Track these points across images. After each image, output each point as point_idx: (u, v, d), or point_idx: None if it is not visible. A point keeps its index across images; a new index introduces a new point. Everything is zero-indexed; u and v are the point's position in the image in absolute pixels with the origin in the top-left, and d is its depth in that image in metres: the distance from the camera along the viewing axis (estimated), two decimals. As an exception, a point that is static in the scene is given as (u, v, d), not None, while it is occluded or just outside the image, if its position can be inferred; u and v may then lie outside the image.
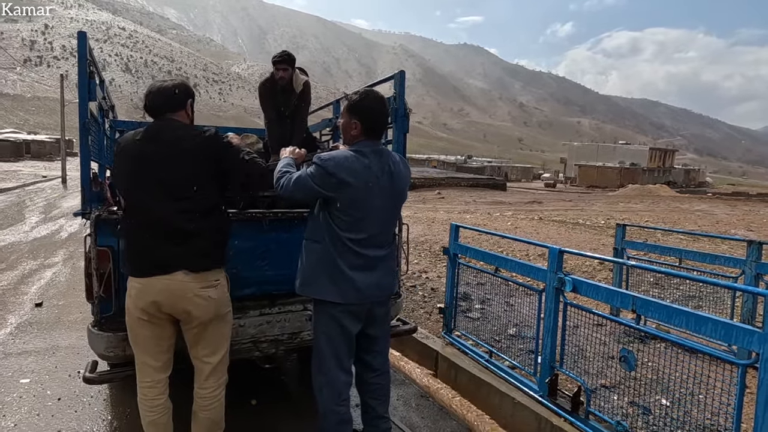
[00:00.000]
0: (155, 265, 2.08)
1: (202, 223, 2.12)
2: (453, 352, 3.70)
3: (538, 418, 2.80)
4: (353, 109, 2.27)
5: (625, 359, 2.43)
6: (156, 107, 2.19)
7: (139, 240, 2.12)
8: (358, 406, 2.63)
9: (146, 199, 2.09)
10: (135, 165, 2.10)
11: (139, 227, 2.12)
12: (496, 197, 28.81)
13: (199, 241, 2.10)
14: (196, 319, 2.14)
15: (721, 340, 2.02)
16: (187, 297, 2.09)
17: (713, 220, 16.27)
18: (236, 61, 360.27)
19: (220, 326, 2.23)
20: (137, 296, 2.11)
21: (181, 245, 2.08)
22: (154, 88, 2.20)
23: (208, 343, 2.22)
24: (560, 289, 2.78)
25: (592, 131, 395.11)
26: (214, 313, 2.17)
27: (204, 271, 2.12)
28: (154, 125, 2.17)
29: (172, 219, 2.07)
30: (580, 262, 7.65)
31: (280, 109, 4.16)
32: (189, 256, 2.09)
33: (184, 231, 2.08)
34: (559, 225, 13.67)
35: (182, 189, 2.08)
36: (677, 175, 72.02)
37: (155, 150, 2.09)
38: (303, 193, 2.23)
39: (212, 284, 2.15)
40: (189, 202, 2.09)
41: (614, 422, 2.49)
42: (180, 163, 2.08)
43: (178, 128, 2.16)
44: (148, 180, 2.08)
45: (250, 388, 3.29)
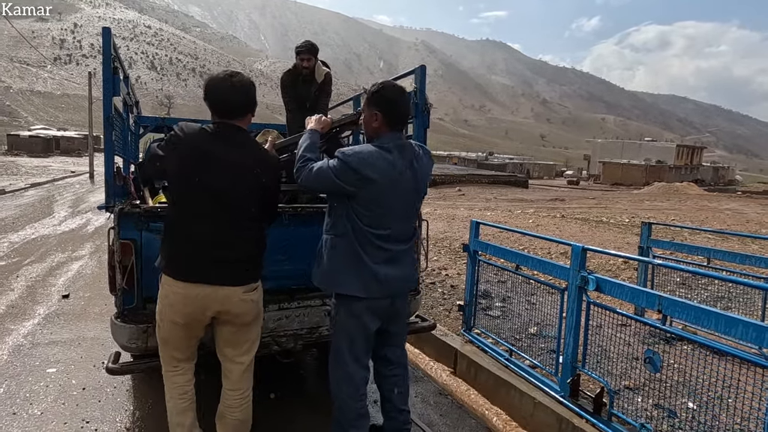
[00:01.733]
0: (200, 273, 2.03)
1: (249, 235, 2.11)
2: (472, 350, 3.66)
3: (559, 419, 2.75)
4: (373, 100, 2.23)
5: (651, 360, 2.36)
6: (230, 109, 2.09)
7: (185, 242, 2.06)
8: (376, 402, 2.62)
9: (204, 202, 2.03)
10: (202, 162, 2.01)
11: (187, 228, 2.06)
12: (518, 195, 28.49)
13: (243, 255, 2.09)
14: (239, 320, 2.14)
15: (752, 342, 1.94)
16: (233, 301, 2.08)
17: (743, 219, 15.79)
18: (258, 58, 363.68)
19: (256, 326, 2.26)
20: (179, 302, 2.06)
21: (226, 257, 2.05)
22: (225, 84, 2.08)
23: (243, 343, 2.22)
24: (583, 287, 2.72)
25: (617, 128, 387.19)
26: (255, 313, 2.20)
27: (246, 284, 2.12)
28: (227, 127, 2.09)
29: (224, 229, 2.05)
30: (603, 261, 7.51)
31: (301, 100, 4.20)
32: (234, 271, 2.08)
33: (232, 243, 2.06)
34: (582, 223, 13.43)
35: (242, 201, 2.07)
36: (705, 172, 70.09)
37: (226, 154, 2.03)
38: (323, 186, 2.22)
39: (254, 287, 2.17)
40: (243, 216, 2.08)
41: (638, 425, 2.43)
42: (246, 174, 2.05)
43: (248, 137, 2.16)
44: (212, 183, 2.01)
45: (269, 383, 3.31)
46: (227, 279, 2.06)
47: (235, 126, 2.09)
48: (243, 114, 2.11)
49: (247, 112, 2.13)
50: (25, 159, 41.29)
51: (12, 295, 5.18)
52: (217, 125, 2.08)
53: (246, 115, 2.13)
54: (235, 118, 2.09)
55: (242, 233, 2.08)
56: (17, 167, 30.05)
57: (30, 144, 51.71)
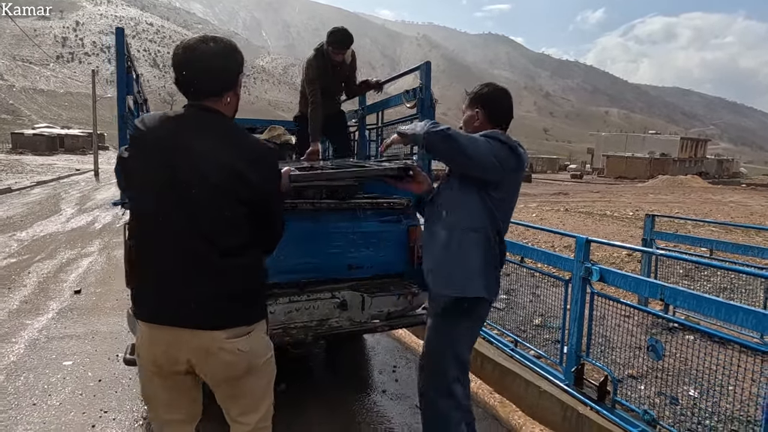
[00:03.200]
0: (164, 313, 1.54)
1: (234, 263, 1.54)
2: (478, 341, 3.72)
3: (563, 407, 2.81)
4: (476, 99, 2.14)
5: (653, 348, 2.43)
6: (199, 86, 1.54)
7: (147, 273, 1.58)
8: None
9: (169, 216, 1.50)
10: (165, 162, 1.49)
11: (149, 253, 1.56)
12: (522, 189, 28.41)
13: (225, 291, 1.54)
14: (223, 374, 1.60)
15: (752, 329, 2.00)
16: (211, 351, 1.54)
17: (747, 212, 15.80)
18: (260, 54, 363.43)
19: (255, 380, 1.65)
20: (144, 346, 1.60)
21: (199, 293, 1.51)
22: (192, 56, 1.51)
23: (241, 402, 1.67)
24: (587, 278, 2.78)
25: (621, 121, 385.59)
26: (246, 367, 1.60)
27: (229, 326, 1.55)
28: (197, 110, 1.55)
29: (194, 254, 1.50)
30: (606, 254, 7.56)
31: (327, 90, 3.96)
32: (209, 310, 1.52)
33: (207, 274, 1.52)
34: (586, 216, 13.48)
35: (217, 213, 1.50)
36: (710, 165, 69.82)
37: (194, 147, 1.49)
38: (471, 159, 1.87)
39: (245, 332, 1.58)
40: (224, 234, 1.52)
41: (641, 411, 2.49)
42: (220, 173, 1.48)
43: (224, 123, 1.58)
44: (178, 189, 1.48)
45: (279, 374, 3.38)
46: (199, 320, 1.51)
47: (208, 108, 1.55)
48: (217, 92, 1.55)
49: (222, 90, 1.56)
50: (30, 157, 41.57)
51: (25, 291, 5.28)
52: (186, 109, 1.56)
53: (221, 93, 1.56)
54: (206, 98, 1.55)
55: (223, 260, 1.51)
56: (22, 165, 30.28)
57: (34, 142, 52.01)
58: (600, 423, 2.59)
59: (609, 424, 2.56)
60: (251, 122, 5.30)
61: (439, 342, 2.11)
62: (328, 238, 2.97)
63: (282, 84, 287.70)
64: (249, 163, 1.52)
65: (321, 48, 3.88)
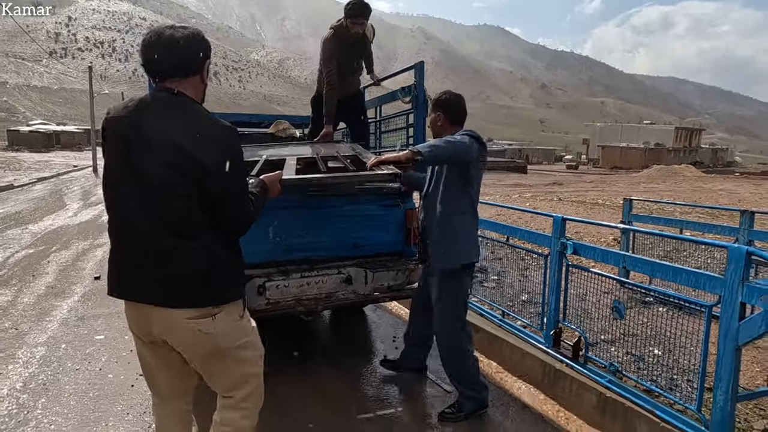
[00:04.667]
0: (128, 288, 1.63)
1: (192, 245, 1.58)
2: (470, 314, 4.11)
3: (543, 365, 3.21)
4: (437, 104, 2.82)
5: (617, 309, 2.83)
6: (160, 67, 1.60)
7: (114, 250, 1.66)
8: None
9: (130, 197, 1.56)
10: (126, 143, 1.55)
11: (115, 232, 1.65)
12: (517, 180, 28.88)
13: (181, 271, 1.58)
14: (191, 352, 1.68)
15: (691, 286, 2.39)
16: (177, 328, 1.62)
17: (735, 199, 16.24)
18: (255, 48, 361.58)
19: (230, 365, 1.73)
20: (127, 315, 1.72)
21: (157, 273, 1.58)
22: (158, 39, 1.58)
23: (218, 383, 1.78)
24: (563, 252, 3.17)
25: (617, 111, 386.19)
26: (211, 349, 1.66)
27: (190, 306, 1.60)
28: (159, 91, 1.60)
29: (152, 235, 1.55)
30: (595, 238, 7.97)
31: (343, 69, 3.89)
32: (169, 289, 1.58)
33: (163, 254, 1.57)
34: (578, 205, 13.89)
35: (172, 194, 1.53)
36: (704, 154, 70.36)
37: (151, 129, 1.53)
38: (454, 155, 2.52)
39: (208, 313, 1.62)
40: (180, 216, 1.56)
41: (607, 363, 2.89)
42: (174, 154, 1.51)
43: (185, 104, 1.61)
44: (137, 170, 1.54)
45: (292, 342, 3.78)
46: (157, 297, 1.59)
47: (171, 89, 1.59)
48: (181, 74, 1.60)
49: (186, 72, 1.61)
50: (26, 154, 41.62)
51: (48, 278, 5.65)
52: (151, 91, 1.65)
53: (186, 76, 1.61)
54: (170, 80, 1.60)
55: (173, 241, 1.55)
56: (19, 162, 30.42)
57: (30, 139, 51.99)
58: (573, 376, 2.98)
59: (581, 377, 2.96)
60: (245, 117, 5.55)
61: (451, 295, 2.80)
62: (334, 220, 3.35)
63: (277, 78, 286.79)
64: (203, 142, 1.53)
65: (338, 24, 3.81)
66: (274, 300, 3.09)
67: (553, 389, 3.10)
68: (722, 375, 2.20)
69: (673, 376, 2.99)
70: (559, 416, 2.90)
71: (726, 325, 2.18)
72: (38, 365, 3.41)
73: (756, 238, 3.92)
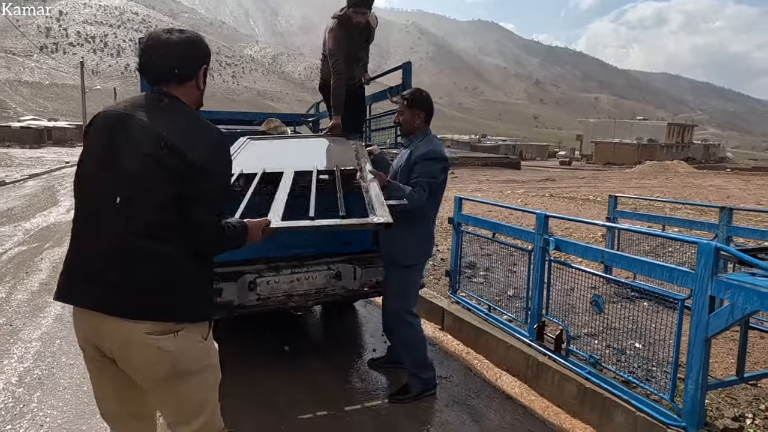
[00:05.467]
0: (81, 293, 1.48)
1: (160, 250, 1.46)
2: (457, 308, 4.21)
3: (526, 358, 3.31)
4: (415, 102, 2.94)
5: (596, 303, 2.93)
6: (155, 71, 1.58)
7: (71, 248, 1.53)
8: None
9: (99, 191, 1.48)
10: (108, 138, 1.50)
11: (77, 228, 1.54)
12: (510, 176, 29.02)
13: (148, 277, 1.46)
14: (143, 374, 1.51)
15: (665, 280, 2.49)
16: (129, 345, 1.46)
17: (724, 195, 16.43)
18: (248, 43, 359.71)
19: (187, 389, 1.56)
20: (76, 327, 1.56)
21: (116, 277, 1.44)
22: (154, 43, 1.57)
23: (171, 410, 1.60)
24: (545, 248, 3.26)
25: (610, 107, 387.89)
26: (169, 370, 1.50)
27: (152, 319, 1.47)
28: (151, 94, 1.59)
29: (117, 234, 1.44)
30: (584, 234, 8.09)
31: (349, 58, 3.87)
32: (127, 297, 1.44)
33: (126, 256, 1.45)
34: (569, 201, 14.03)
35: (147, 191, 1.45)
36: (696, 150, 70.90)
37: (136, 124, 1.49)
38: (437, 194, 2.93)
39: (167, 330, 1.47)
40: (151, 216, 1.45)
41: (587, 356, 2.99)
42: (154, 148, 1.45)
43: (176, 105, 1.58)
44: (113, 164, 1.47)
45: (283, 337, 3.86)
46: (114, 305, 1.44)
47: (165, 92, 1.58)
48: (176, 79, 1.58)
49: (182, 78, 1.59)
50: (18, 150, 41.25)
51: (41, 274, 5.69)
52: (146, 93, 1.63)
53: (182, 82, 1.59)
54: (166, 85, 1.58)
55: (141, 241, 1.44)
56: (11, 158, 30.17)
57: (21, 135, 51.54)
58: (555, 368, 3.09)
59: (562, 368, 3.06)
60: (240, 115, 5.60)
61: (404, 282, 3.02)
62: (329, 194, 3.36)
63: (271, 73, 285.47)
64: (191, 139, 1.49)
65: (342, 14, 3.77)
66: (264, 296, 3.16)
67: (536, 381, 3.20)
68: (693, 365, 2.30)
69: (651, 367, 3.10)
70: (541, 407, 3.00)
71: (697, 318, 2.28)
72: (33, 360, 3.47)
73: (735, 234, 4.04)
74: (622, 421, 2.60)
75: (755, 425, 2.56)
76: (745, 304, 2.07)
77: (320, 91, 4.38)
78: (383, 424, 2.79)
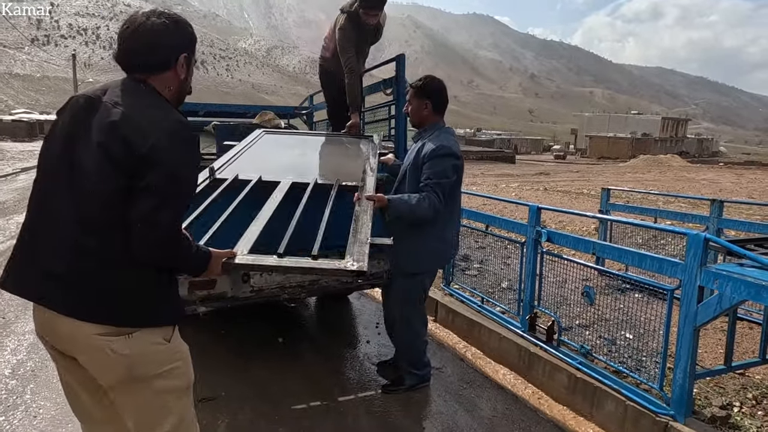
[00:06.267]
0: (28, 286, 1.37)
1: (111, 246, 1.33)
2: (450, 300, 4.24)
3: (519, 348, 3.34)
4: (423, 91, 2.74)
5: (587, 294, 2.96)
6: (129, 60, 1.46)
7: (20, 235, 1.41)
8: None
9: (55, 179, 1.38)
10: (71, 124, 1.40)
11: (29, 217, 1.42)
12: (504, 170, 29.06)
13: (100, 278, 1.34)
14: (98, 377, 1.40)
15: (655, 271, 2.51)
16: (78, 345, 1.35)
17: (716, 189, 16.56)
18: (242, 36, 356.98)
19: (145, 396, 1.42)
20: (34, 318, 1.44)
21: (64, 272, 1.33)
22: (127, 28, 1.45)
23: (131, 415, 1.44)
24: (537, 240, 3.28)
25: (605, 101, 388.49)
26: (125, 376, 1.37)
27: (100, 321, 1.33)
28: (123, 81, 1.47)
29: (72, 226, 1.33)
30: (577, 227, 8.13)
31: (362, 48, 3.81)
32: (73, 294, 1.32)
33: (77, 250, 1.32)
34: (563, 195, 14.09)
35: (101, 181, 1.32)
36: (690, 144, 71.23)
37: (100, 111, 1.38)
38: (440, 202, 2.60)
39: (119, 332, 1.35)
40: (105, 208, 1.33)
41: (579, 346, 3.03)
42: (112, 135, 1.33)
43: (146, 94, 1.44)
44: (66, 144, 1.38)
45: (278, 329, 3.88)
46: (58, 303, 1.32)
47: (138, 79, 1.46)
48: (150, 68, 1.46)
49: (156, 67, 1.46)
50: (10, 144, 40.79)
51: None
52: (122, 78, 1.49)
53: (156, 71, 1.47)
54: (140, 73, 1.46)
55: (85, 236, 1.32)
56: (2, 152, 29.87)
57: (13, 128, 50.88)
58: (547, 358, 3.12)
59: (554, 359, 3.09)
60: (234, 108, 5.58)
61: (407, 288, 2.89)
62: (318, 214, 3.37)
63: (265, 66, 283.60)
64: (147, 129, 1.33)
65: (351, 10, 3.64)
66: (258, 287, 3.16)
67: (528, 371, 3.23)
68: (681, 354, 2.33)
69: (641, 357, 3.14)
70: (532, 396, 3.04)
71: (686, 308, 2.31)
72: (26, 352, 3.46)
73: (726, 226, 4.08)
74: (612, 410, 2.63)
75: (742, 413, 2.60)
76: (733, 294, 2.10)
77: (320, 77, 4.25)
78: (376, 415, 2.81)
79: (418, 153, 2.68)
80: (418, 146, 2.74)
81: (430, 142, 2.65)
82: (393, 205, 2.53)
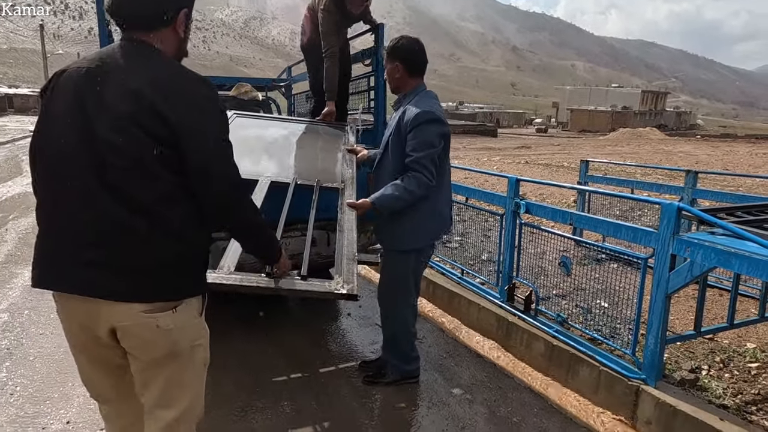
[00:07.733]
0: (68, 279, 1.32)
1: (153, 224, 1.31)
2: (431, 273, 4.27)
3: (498, 318, 3.40)
4: (394, 53, 2.53)
5: (564, 264, 3.00)
6: (126, 13, 1.36)
7: (45, 232, 1.36)
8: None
9: (73, 163, 1.29)
10: (76, 98, 1.30)
11: (50, 208, 1.35)
12: (487, 143, 29.12)
13: (141, 258, 1.31)
14: (142, 353, 1.41)
15: (631, 241, 2.56)
16: (124, 327, 1.36)
17: (693, 161, 16.84)
18: (219, 6, 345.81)
19: (177, 368, 1.44)
20: (62, 315, 1.43)
21: (105, 258, 1.30)
22: None
23: (158, 390, 1.45)
24: (516, 211, 3.31)
25: (587, 74, 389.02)
26: (168, 350, 1.40)
27: (148, 300, 1.34)
28: (122, 44, 1.38)
29: (102, 209, 1.28)
30: (557, 199, 8.22)
31: (349, 24, 3.65)
32: (119, 278, 1.30)
33: (115, 235, 1.29)
34: (544, 168, 14.19)
35: (130, 156, 1.27)
36: (668, 117, 72.14)
37: (109, 79, 1.29)
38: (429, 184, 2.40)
39: (165, 307, 1.36)
40: (138, 185, 1.29)
41: (555, 315, 3.09)
42: (133, 106, 1.26)
43: (152, 53, 1.36)
44: (82, 122, 1.28)
45: (258, 303, 3.87)
46: (106, 289, 1.30)
47: (137, 39, 1.37)
48: (149, 24, 1.37)
49: (155, 22, 1.37)
50: (-22, 119, 39.46)
51: (7, 246, 5.53)
52: (116, 42, 1.40)
53: (155, 26, 1.38)
54: (137, 31, 1.37)
55: (134, 218, 1.28)
56: (-30, 128, 28.90)
57: (-19, 103, 49.18)
58: (525, 327, 3.18)
59: (532, 328, 3.15)
60: (219, 80, 5.49)
61: (396, 270, 2.71)
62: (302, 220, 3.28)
63: (243, 38, 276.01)
64: (172, 96, 1.29)
65: None
66: (238, 261, 3.13)
67: (507, 340, 3.30)
68: (653, 321, 2.40)
69: (616, 325, 3.22)
70: (510, 364, 3.11)
71: (658, 276, 2.36)
72: (1, 332, 3.40)
73: (700, 197, 4.16)
74: (587, 376, 2.71)
75: (710, 376, 2.70)
76: (704, 262, 2.15)
77: (302, 50, 3.96)
78: (356, 386, 2.84)
79: (400, 120, 2.48)
80: (399, 113, 2.54)
81: (412, 107, 2.45)
82: (380, 204, 2.41)
